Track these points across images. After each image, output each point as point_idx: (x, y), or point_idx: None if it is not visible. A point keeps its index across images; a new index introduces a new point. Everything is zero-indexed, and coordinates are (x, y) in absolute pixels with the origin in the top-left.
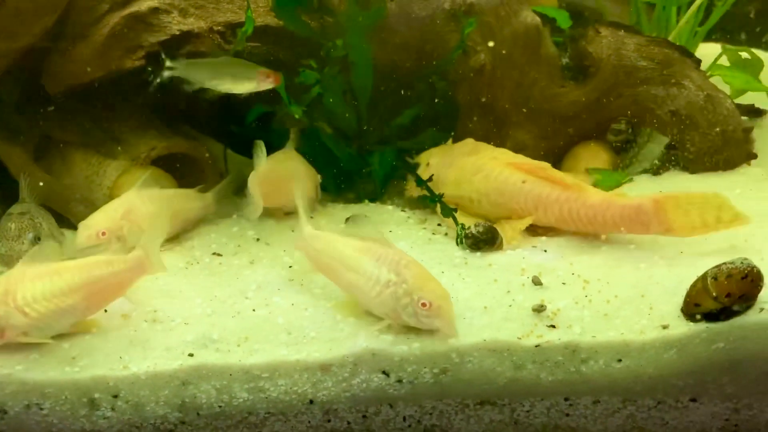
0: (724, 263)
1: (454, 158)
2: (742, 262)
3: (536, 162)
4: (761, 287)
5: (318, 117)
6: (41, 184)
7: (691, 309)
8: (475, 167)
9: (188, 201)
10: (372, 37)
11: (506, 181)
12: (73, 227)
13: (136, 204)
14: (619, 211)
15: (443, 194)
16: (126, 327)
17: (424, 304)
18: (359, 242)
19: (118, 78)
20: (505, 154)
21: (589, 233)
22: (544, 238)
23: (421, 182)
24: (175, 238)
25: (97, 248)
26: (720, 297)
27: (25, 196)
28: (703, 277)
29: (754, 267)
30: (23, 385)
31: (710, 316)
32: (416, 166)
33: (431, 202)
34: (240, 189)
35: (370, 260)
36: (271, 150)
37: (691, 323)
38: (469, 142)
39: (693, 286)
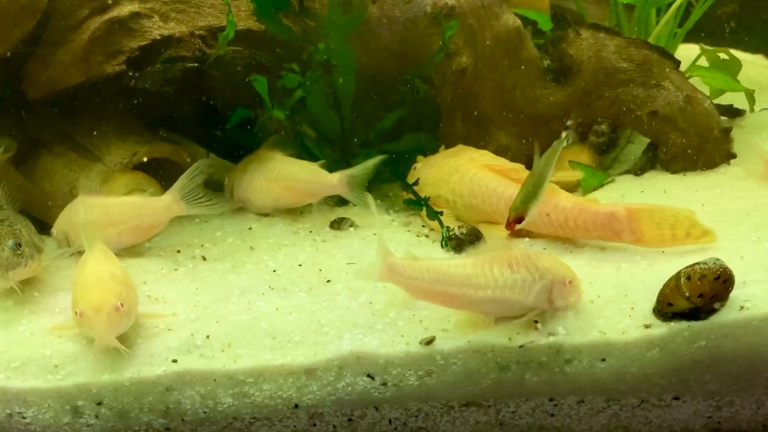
0: (697, 263)
1: (437, 160)
2: (714, 263)
3: (511, 164)
4: (732, 288)
5: (301, 121)
6: (21, 190)
7: (664, 308)
8: (453, 168)
9: (136, 210)
10: (354, 40)
11: (479, 183)
12: None
13: (76, 211)
14: (591, 216)
15: (429, 197)
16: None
17: (571, 282)
18: (474, 258)
19: (99, 83)
20: (484, 156)
21: (559, 237)
22: (527, 239)
23: (407, 186)
24: (131, 248)
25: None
26: (692, 297)
27: (2, 203)
28: (677, 276)
29: (726, 268)
30: (5, 394)
31: (682, 316)
32: (404, 172)
33: (418, 206)
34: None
35: (504, 271)
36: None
37: (671, 322)
38: (458, 148)
39: (666, 285)
